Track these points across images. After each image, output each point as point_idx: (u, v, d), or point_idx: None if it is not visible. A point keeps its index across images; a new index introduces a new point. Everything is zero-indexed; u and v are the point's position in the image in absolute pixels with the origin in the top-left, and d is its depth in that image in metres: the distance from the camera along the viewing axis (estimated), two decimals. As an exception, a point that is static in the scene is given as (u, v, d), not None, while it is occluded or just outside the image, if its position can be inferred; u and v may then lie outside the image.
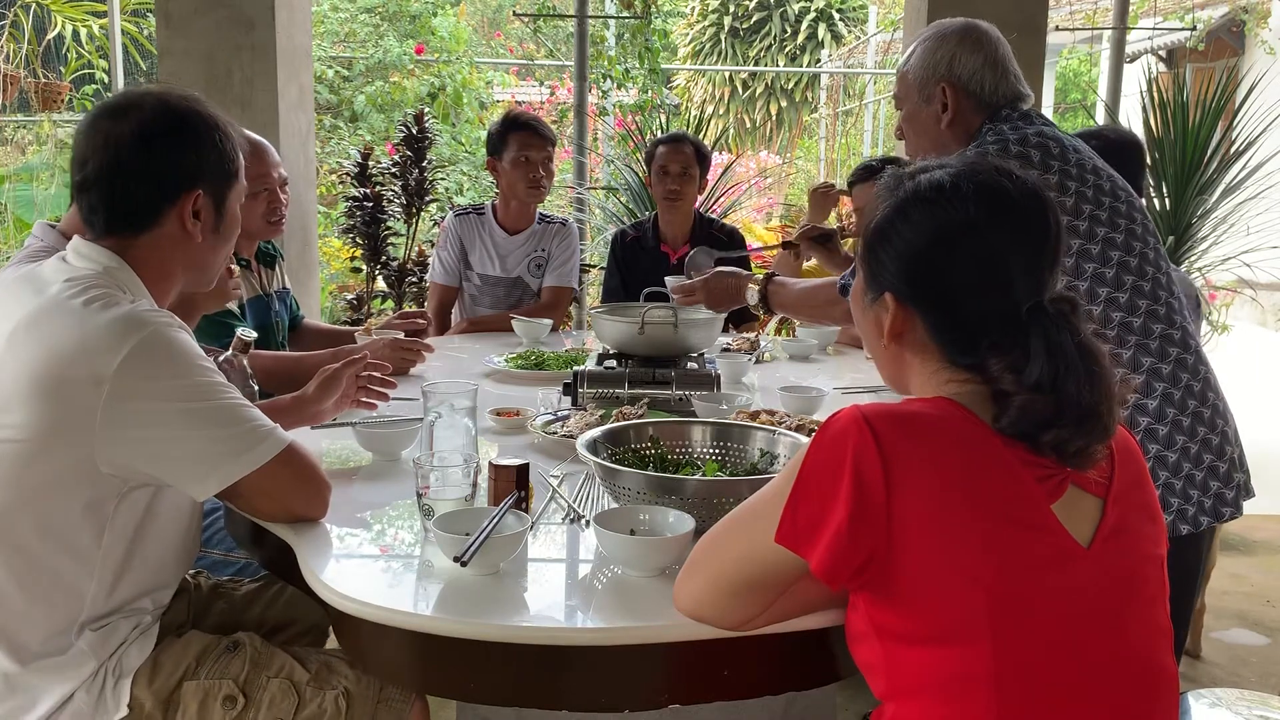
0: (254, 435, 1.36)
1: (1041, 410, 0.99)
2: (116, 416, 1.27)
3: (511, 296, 3.35)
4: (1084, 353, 1.02)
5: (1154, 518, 1.10)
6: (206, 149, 1.45)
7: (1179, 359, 1.70)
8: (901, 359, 1.13)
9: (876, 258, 1.12)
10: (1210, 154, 4.84)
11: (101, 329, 1.29)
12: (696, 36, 13.44)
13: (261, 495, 1.40)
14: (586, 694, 1.22)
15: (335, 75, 8.89)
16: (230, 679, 1.41)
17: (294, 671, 1.44)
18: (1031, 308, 1.03)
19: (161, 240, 1.44)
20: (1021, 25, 3.87)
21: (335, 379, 1.81)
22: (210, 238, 1.48)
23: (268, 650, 1.47)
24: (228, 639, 1.48)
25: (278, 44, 3.72)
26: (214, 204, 1.47)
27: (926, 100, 1.87)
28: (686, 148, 3.39)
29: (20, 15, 6.12)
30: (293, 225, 3.85)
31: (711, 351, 2.57)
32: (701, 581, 1.13)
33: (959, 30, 1.87)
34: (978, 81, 1.83)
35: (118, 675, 1.39)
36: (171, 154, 1.42)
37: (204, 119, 1.46)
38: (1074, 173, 1.71)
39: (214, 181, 1.46)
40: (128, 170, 1.40)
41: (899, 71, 1.95)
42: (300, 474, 1.42)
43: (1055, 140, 1.75)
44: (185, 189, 1.43)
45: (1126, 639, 1.02)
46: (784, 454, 1.56)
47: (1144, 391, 1.68)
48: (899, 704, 1.03)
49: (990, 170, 1.09)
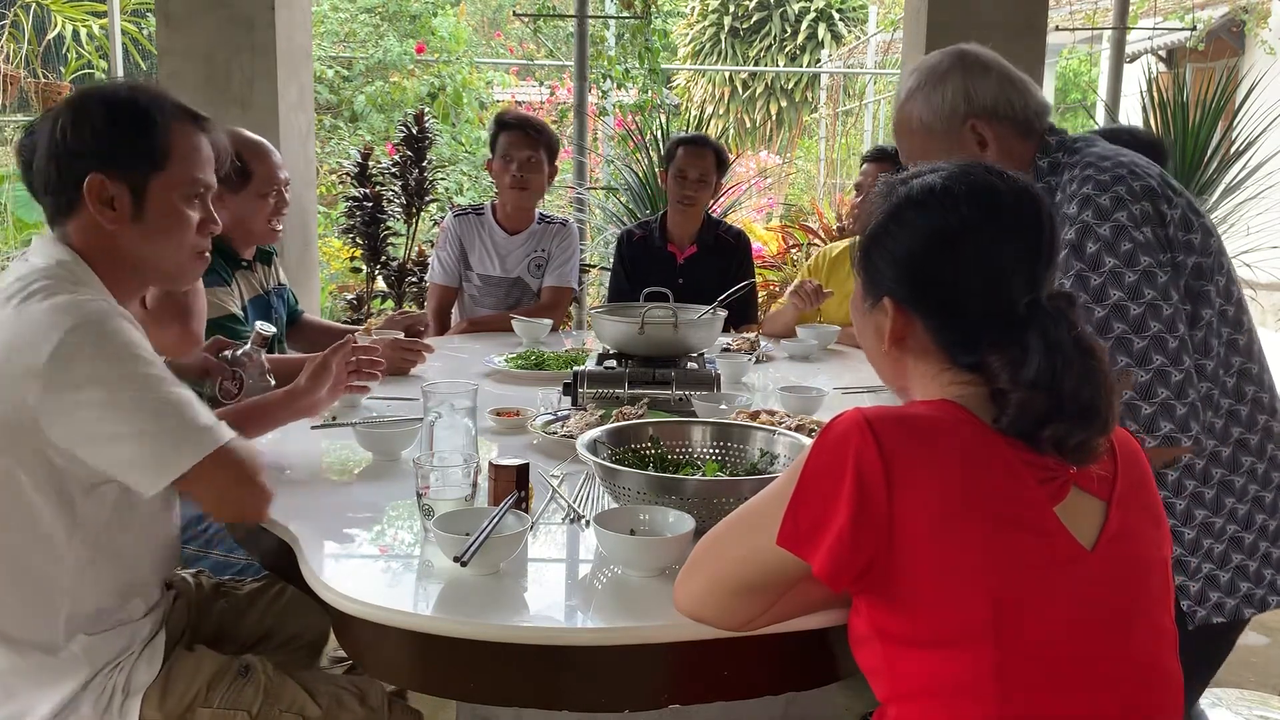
0: (189, 431, 1.32)
1: (1040, 406, 0.99)
2: (53, 407, 1.26)
3: (511, 297, 3.35)
4: (1081, 348, 1.02)
5: (1157, 520, 1.10)
6: (113, 131, 1.39)
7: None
8: (903, 363, 1.13)
9: (873, 263, 1.13)
10: (1210, 154, 4.84)
11: (35, 320, 1.28)
12: (696, 36, 13.43)
13: (201, 493, 1.37)
14: (586, 694, 1.22)
15: (335, 75, 8.89)
16: (244, 710, 1.42)
17: (306, 707, 1.45)
18: (1029, 304, 1.03)
19: (87, 228, 1.39)
20: (1021, 25, 3.87)
21: (324, 367, 1.79)
22: (133, 227, 1.40)
23: (280, 679, 1.48)
24: (239, 661, 1.48)
25: (278, 44, 3.72)
26: (130, 190, 1.39)
27: (956, 144, 1.64)
28: (708, 155, 3.36)
29: (20, 15, 6.12)
30: (293, 225, 3.85)
31: (711, 351, 2.57)
32: (702, 582, 1.13)
33: (954, 60, 1.66)
34: (1005, 104, 1.63)
35: (126, 692, 1.39)
36: (72, 136, 1.37)
37: (122, 103, 1.40)
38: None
39: (124, 167, 1.39)
40: (40, 153, 1.39)
41: (903, 128, 1.70)
42: (237, 475, 1.37)
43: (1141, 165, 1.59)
44: (83, 171, 1.37)
45: (1129, 641, 1.02)
46: (784, 454, 1.56)
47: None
48: (901, 707, 1.03)
49: (981, 170, 1.10)
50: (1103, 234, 1.49)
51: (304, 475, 1.75)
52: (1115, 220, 1.49)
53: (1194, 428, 1.46)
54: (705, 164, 3.35)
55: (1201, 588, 1.53)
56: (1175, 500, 1.54)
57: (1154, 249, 1.49)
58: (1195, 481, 1.54)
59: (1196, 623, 1.52)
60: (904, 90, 1.70)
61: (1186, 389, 1.46)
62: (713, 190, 3.42)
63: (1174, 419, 1.44)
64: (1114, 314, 1.47)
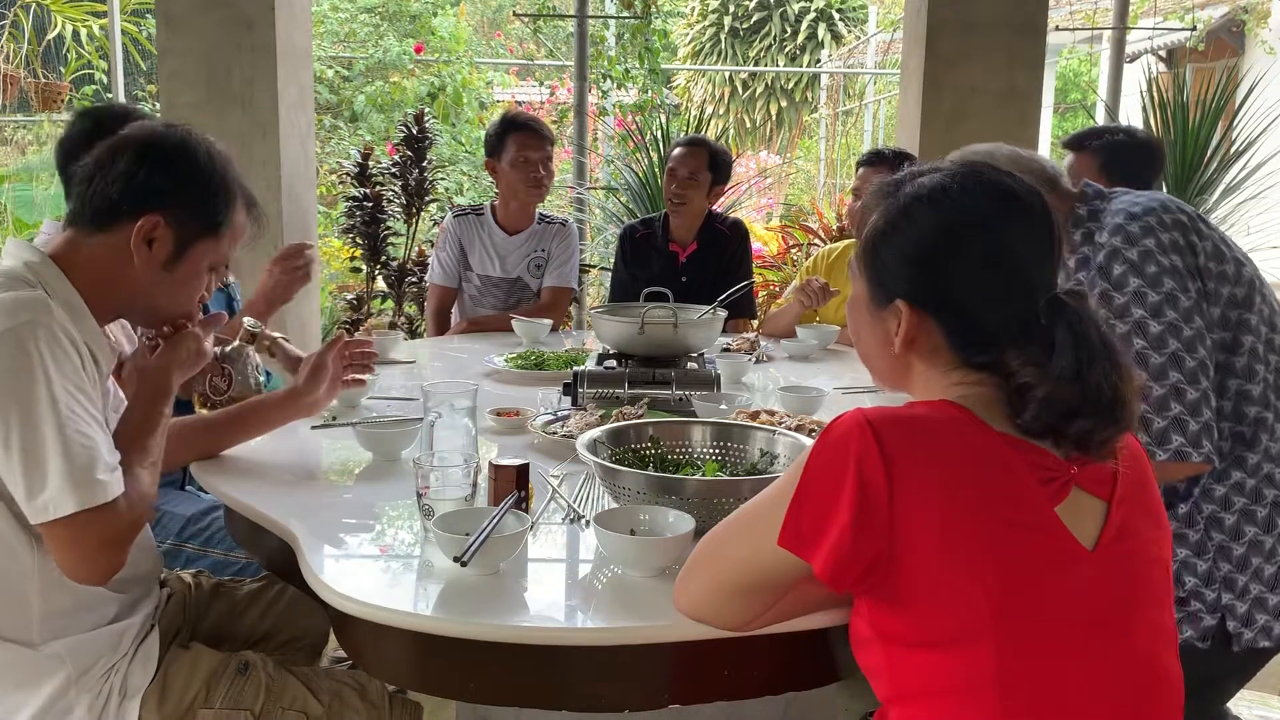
0: (77, 476, 1.23)
1: (1068, 400, 0.99)
2: None
3: (511, 297, 3.35)
4: (1105, 343, 1.02)
5: (1159, 521, 1.10)
6: (190, 185, 1.41)
7: None
8: (908, 364, 1.12)
9: (882, 263, 1.11)
10: (1210, 154, 4.84)
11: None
12: (696, 36, 13.43)
13: (55, 545, 1.28)
14: (586, 694, 1.23)
15: (335, 75, 8.89)
16: (246, 709, 1.42)
17: (308, 704, 1.45)
18: (1050, 300, 1.03)
19: (105, 249, 1.39)
20: (1021, 25, 3.87)
21: (321, 364, 1.79)
22: (157, 273, 1.41)
23: (280, 675, 1.47)
24: (237, 659, 1.47)
25: (278, 44, 3.71)
26: (175, 240, 1.41)
27: None
28: (698, 154, 3.36)
29: (20, 15, 6.13)
30: (293, 225, 3.85)
31: (711, 351, 2.57)
32: (702, 582, 1.13)
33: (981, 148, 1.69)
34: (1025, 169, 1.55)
35: (123, 694, 1.38)
36: (158, 170, 1.39)
37: (212, 166, 1.43)
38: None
39: (182, 219, 1.41)
40: (116, 168, 1.39)
41: None
42: (98, 542, 1.27)
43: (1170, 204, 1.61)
44: (147, 208, 1.38)
45: (1131, 642, 1.02)
46: (784, 454, 1.56)
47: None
48: (902, 708, 1.03)
49: (987, 168, 1.09)
50: (1130, 257, 1.52)
51: (304, 475, 1.75)
52: (1143, 245, 1.52)
53: (1206, 445, 1.45)
54: (695, 162, 3.35)
55: (1249, 609, 1.51)
56: (1224, 515, 1.53)
57: (1181, 275, 1.50)
58: (1245, 499, 1.53)
59: (1243, 645, 1.51)
60: None
61: (1202, 408, 1.46)
62: (707, 190, 3.40)
63: (1185, 434, 1.44)
64: (1135, 330, 1.48)
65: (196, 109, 3.65)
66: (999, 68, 3.87)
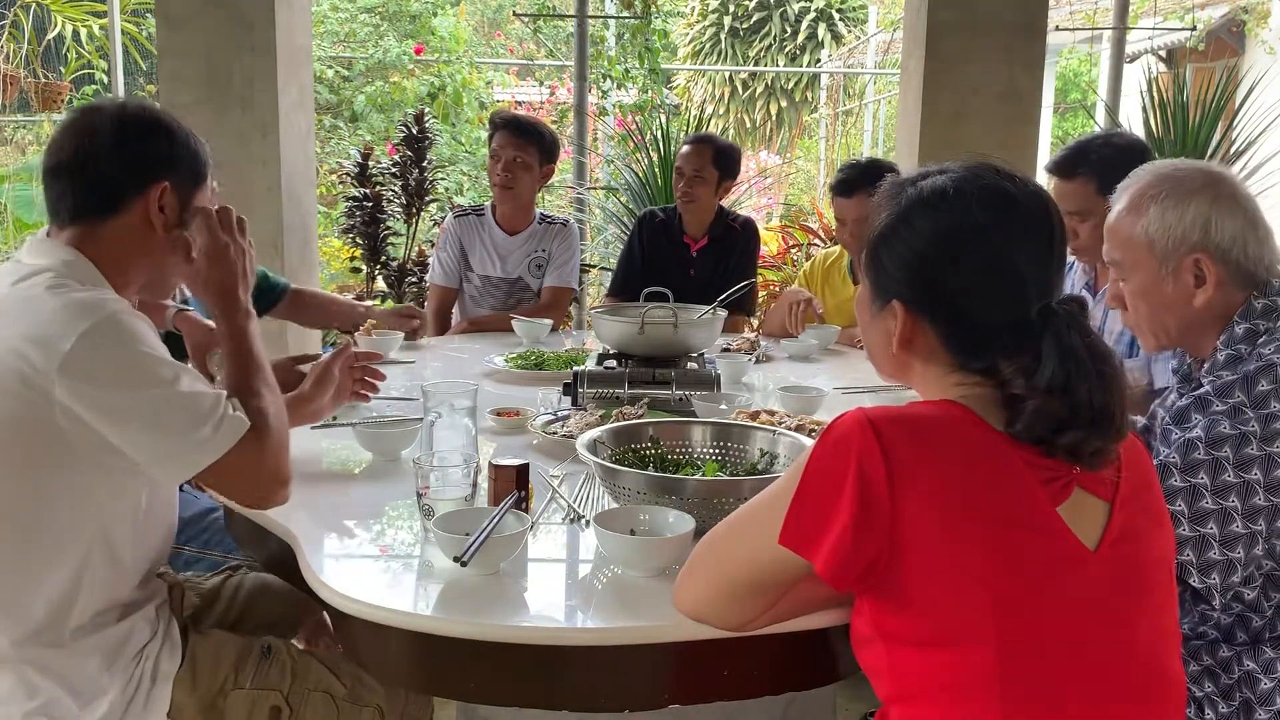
0: (213, 421, 1.33)
1: (1056, 413, 0.99)
2: (75, 400, 1.26)
3: (512, 297, 3.35)
4: (1094, 353, 1.01)
5: (1162, 522, 1.10)
6: (179, 144, 1.47)
7: None
8: (908, 365, 1.12)
9: (882, 266, 1.11)
10: (1210, 154, 4.84)
11: (54, 314, 1.29)
12: (696, 36, 13.43)
13: (226, 480, 1.39)
14: (586, 694, 1.22)
15: (335, 75, 8.90)
16: (274, 689, 1.45)
17: (332, 685, 1.48)
18: (1042, 309, 1.02)
19: (123, 230, 1.43)
20: (1021, 25, 3.87)
21: (328, 373, 1.79)
22: (171, 235, 1.47)
23: (302, 658, 1.50)
24: (260, 643, 1.50)
25: (278, 44, 3.71)
26: (179, 201, 1.47)
27: (1172, 273, 1.48)
28: (703, 150, 3.38)
29: (20, 15, 6.12)
30: (293, 225, 3.85)
31: (711, 351, 2.57)
32: (702, 582, 1.13)
33: (1206, 182, 1.49)
34: (1240, 249, 1.47)
35: (154, 679, 1.40)
36: (145, 142, 1.44)
37: (175, 122, 1.49)
38: None
39: (183, 178, 1.47)
40: (101, 154, 1.41)
41: (1121, 232, 1.54)
42: (261, 459, 1.39)
43: None
44: (154, 178, 1.43)
45: (1134, 643, 1.02)
46: (784, 454, 1.56)
47: None
48: (903, 708, 1.03)
49: (992, 173, 1.08)
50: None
51: (304, 475, 1.74)
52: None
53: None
54: (700, 160, 3.36)
55: None
56: None
57: None
58: None
59: None
60: (1137, 190, 1.53)
61: None
62: (715, 186, 3.42)
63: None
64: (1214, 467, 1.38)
65: (196, 109, 3.65)
66: (999, 68, 3.86)
